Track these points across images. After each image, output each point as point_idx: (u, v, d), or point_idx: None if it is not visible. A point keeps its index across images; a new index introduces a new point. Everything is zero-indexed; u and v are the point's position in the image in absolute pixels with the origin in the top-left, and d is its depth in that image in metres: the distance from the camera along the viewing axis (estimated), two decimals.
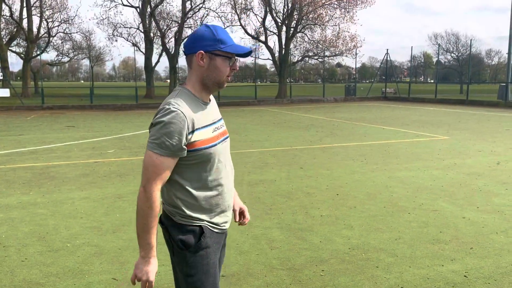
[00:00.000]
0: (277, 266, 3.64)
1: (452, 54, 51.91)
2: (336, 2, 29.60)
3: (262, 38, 31.59)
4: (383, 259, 3.76)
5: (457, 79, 52.38)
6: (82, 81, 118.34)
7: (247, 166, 7.56)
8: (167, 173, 1.75)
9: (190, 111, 1.75)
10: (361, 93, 31.93)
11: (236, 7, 31.16)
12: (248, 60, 44.38)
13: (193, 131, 1.74)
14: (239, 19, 31.42)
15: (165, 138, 1.69)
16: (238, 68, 1.90)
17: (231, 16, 32.15)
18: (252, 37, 31.84)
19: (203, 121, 1.79)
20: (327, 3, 29.42)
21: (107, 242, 4.18)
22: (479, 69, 57.56)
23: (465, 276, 3.44)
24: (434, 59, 62.75)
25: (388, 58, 31.71)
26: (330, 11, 30.18)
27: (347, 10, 30.06)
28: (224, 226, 1.95)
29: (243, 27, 31.64)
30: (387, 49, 31.15)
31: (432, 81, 69.93)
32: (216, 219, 1.90)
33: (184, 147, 1.73)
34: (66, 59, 40.99)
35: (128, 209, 5.18)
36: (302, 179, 6.63)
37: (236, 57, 1.85)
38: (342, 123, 14.85)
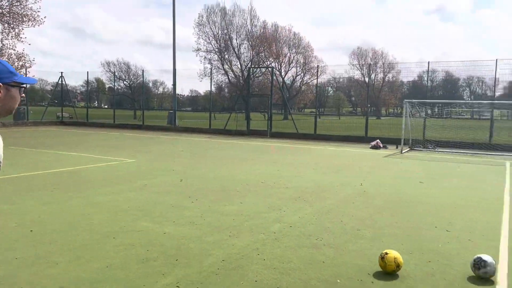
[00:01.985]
0: None
1: (125, 82, 55.10)
2: None
3: None
4: None
5: (130, 105, 56.01)
6: None
7: None
8: None
9: None
10: (33, 117, 29.34)
11: None
12: None
13: None
14: None
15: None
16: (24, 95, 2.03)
17: None
18: None
19: None
20: None
21: None
22: (148, 97, 63.40)
23: (177, 286, 3.75)
24: (107, 85, 64.89)
25: (63, 82, 30.61)
26: None
27: (12, 26, 27.15)
28: None
29: None
30: (62, 72, 30.07)
31: (106, 106, 71.96)
32: None
33: None
34: None
35: None
36: None
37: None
38: (21, 150, 13.22)
